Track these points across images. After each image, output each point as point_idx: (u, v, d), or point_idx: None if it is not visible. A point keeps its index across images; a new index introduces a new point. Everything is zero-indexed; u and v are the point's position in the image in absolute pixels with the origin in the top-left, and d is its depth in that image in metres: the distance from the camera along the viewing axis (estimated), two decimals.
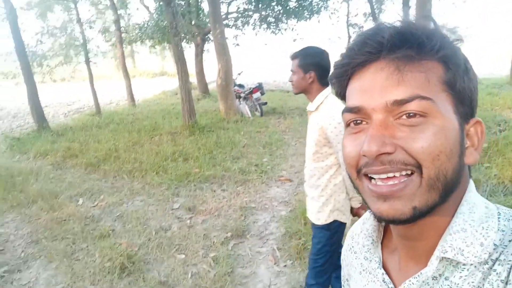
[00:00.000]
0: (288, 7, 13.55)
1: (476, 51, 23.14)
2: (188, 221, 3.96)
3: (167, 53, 26.32)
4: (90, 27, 13.01)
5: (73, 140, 7.58)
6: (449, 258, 0.48)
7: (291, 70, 2.04)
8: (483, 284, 0.45)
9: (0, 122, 11.82)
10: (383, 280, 0.57)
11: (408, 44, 0.47)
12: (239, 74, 11.02)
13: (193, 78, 14.91)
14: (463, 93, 0.48)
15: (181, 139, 7.11)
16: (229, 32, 14.40)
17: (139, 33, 14.68)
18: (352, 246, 0.68)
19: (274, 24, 14.57)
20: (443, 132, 0.45)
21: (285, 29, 14.82)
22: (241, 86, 10.50)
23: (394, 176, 0.46)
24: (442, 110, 0.46)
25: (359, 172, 0.49)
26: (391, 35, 0.47)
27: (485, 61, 19.83)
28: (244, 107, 9.69)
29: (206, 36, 14.13)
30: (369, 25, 14.84)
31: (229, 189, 4.74)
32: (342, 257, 0.73)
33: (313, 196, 2.10)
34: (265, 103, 9.69)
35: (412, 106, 0.45)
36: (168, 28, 8.21)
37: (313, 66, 1.98)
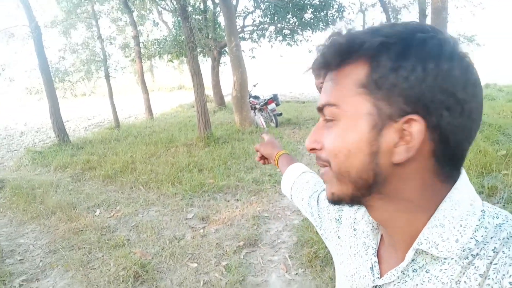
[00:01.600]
0: (303, 19, 13.67)
1: (495, 58, 22.69)
2: (201, 231, 4.01)
3: (185, 67, 26.78)
4: (110, 43, 13.45)
5: (92, 153, 7.78)
6: (423, 251, 0.50)
7: None
8: (461, 277, 0.47)
9: (24, 137, 12.25)
10: (370, 268, 0.60)
11: (339, 51, 0.50)
12: (254, 85, 11.13)
13: (209, 91, 15.16)
14: (392, 91, 0.47)
15: (196, 151, 7.21)
16: (245, 45, 14.63)
17: (158, 48, 15.07)
18: (354, 221, 0.70)
19: (290, 36, 14.69)
20: (342, 134, 0.51)
21: (301, 41, 14.93)
22: (256, 97, 10.59)
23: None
24: (348, 114, 0.50)
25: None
26: (332, 44, 0.51)
27: (506, 68, 19.40)
28: (259, 118, 9.76)
29: (223, 49, 14.37)
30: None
31: (242, 199, 4.77)
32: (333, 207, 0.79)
33: None
34: (280, 114, 9.74)
35: (326, 112, 0.54)
36: (185, 42, 8.41)
37: None
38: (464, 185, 0.52)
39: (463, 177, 0.52)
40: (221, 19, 14.22)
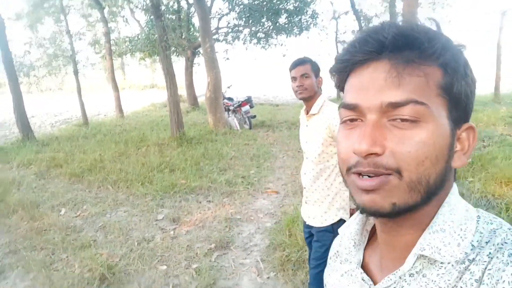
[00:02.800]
0: (277, 23, 13.76)
1: None
2: (172, 232, 3.90)
3: (158, 65, 26.36)
4: (80, 39, 13.01)
5: (58, 150, 7.47)
6: (426, 256, 0.49)
7: (301, 75, 2.07)
8: (458, 283, 0.46)
9: None
10: (362, 279, 0.58)
11: (410, 47, 0.47)
12: (228, 87, 11.08)
13: (183, 91, 14.95)
14: (458, 98, 0.49)
15: (169, 151, 7.06)
16: (219, 46, 14.52)
17: (129, 46, 14.74)
18: (337, 251, 0.68)
19: (264, 39, 14.75)
20: (432, 138, 0.46)
21: (275, 45, 15.01)
22: (230, 99, 10.55)
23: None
24: (435, 116, 0.47)
25: (349, 170, 0.50)
26: (393, 36, 0.47)
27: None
28: (233, 120, 9.71)
29: (197, 50, 14.23)
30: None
31: (214, 201, 4.70)
32: (326, 269, 0.73)
33: (316, 200, 2.12)
34: (254, 116, 9.73)
35: (406, 110, 0.46)
36: (158, 41, 8.26)
37: (320, 73, 2.13)
38: (457, 191, 0.53)
39: (455, 184, 0.53)
40: (195, 20, 14.12)
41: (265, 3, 12.90)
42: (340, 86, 0.56)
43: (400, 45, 0.47)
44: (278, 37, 14.70)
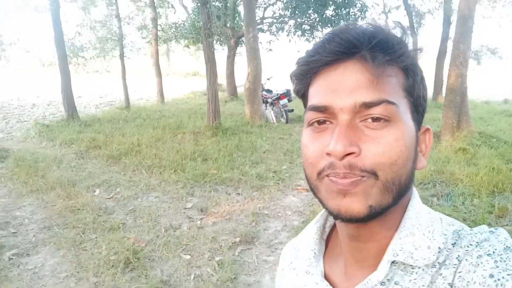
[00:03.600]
0: (324, 15, 13.43)
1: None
2: (199, 222, 3.92)
3: (201, 53, 26.70)
4: (128, 23, 13.38)
5: (99, 131, 7.75)
6: (399, 262, 0.49)
7: None
8: (431, 287, 0.47)
9: (35, 109, 12.30)
10: None
11: (381, 49, 0.47)
12: (268, 79, 10.98)
13: (223, 80, 15.04)
14: (418, 101, 0.51)
15: (203, 139, 7.12)
16: (263, 37, 14.43)
17: (175, 32, 14.97)
18: (291, 262, 0.65)
19: (309, 31, 14.46)
20: (403, 138, 0.46)
21: (320, 38, 14.67)
22: (269, 91, 10.45)
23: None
24: (404, 116, 0.47)
25: (320, 173, 0.48)
26: (364, 37, 0.47)
27: None
28: (270, 113, 9.63)
29: (240, 39, 14.21)
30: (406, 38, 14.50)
31: (244, 194, 4.68)
32: (276, 280, 0.70)
33: None
34: (292, 110, 9.59)
35: (379, 110, 0.46)
36: (202, 28, 8.30)
37: None
38: (417, 194, 0.54)
39: (414, 187, 0.54)
40: (241, 9, 14.08)
41: None
42: (302, 92, 0.54)
43: (371, 47, 0.46)
44: (324, 30, 14.36)
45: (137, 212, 4.12)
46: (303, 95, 0.54)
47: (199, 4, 10.61)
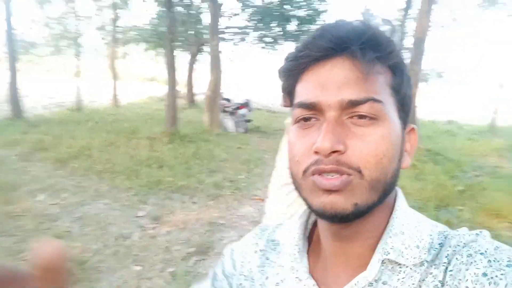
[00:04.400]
0: (287, 30, 13.68)
1: (463, 96, 23.79)
2: (151, 231, 3.75)
3: (161, 59, 26.25)
4: (88, 23, 12.86)
5: (46, 133, 7.29)
6: (389, 261, 0.48)
7: None
8: (421, 286, 0.46)
9: None
10: None
11: (370, 46, 0.46)
12: (229, 88, 10.96)
13: (182, 87, 14.82)
14: (404, 100, 0.50)
15: (160, 146, 6.92)
16: (225, 46, 14.41)
17: (136, 35, 14.59)
18: (268, 258, 0.61)
19: (271, 44, 14.65)
20: (389, 136, 0.46)
21: (282, 51, 14.93)
22: (228, 100, 10.42)
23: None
24: (390, 114, 0.47)
25: (306, 171, 0.47)
26: (355, 33, 0.46)
27: (472, 107, 20.36)
28: (229, 122, 9.58)
29: (202, 47, 14.12)
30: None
31: (199, 202, 4.56)
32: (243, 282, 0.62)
33: (277, 199, 1.94)
34: (250, 121, 9.61)
35: (365, 108, 0.45)
36: (165, 33, 8.16)
37: None
38: (402, 194, 0.54)
39: (398, 188, 0.54)
40: (204, 16, 14.02)
41: (277, 7, 12.83)
42: (288, 88, 0.53)
43: (360, 44, 0.46)
44: (286, 44, 14.61)
45: (84, 220, 3.87)
46: (289, 92, 0.53)
47: (163, 8, 10.46)
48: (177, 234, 3.70)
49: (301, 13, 13.25)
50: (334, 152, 0.44)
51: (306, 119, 0.49)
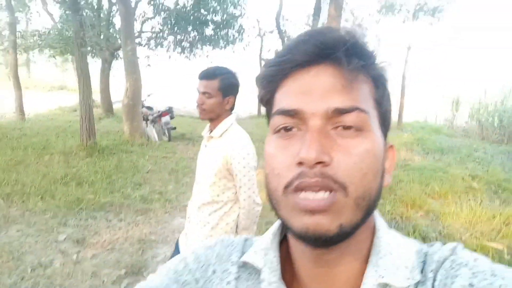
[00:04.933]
0: (204, 34, 13.61)
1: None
2: (75, 256, 3.45)
3: (69, 65, 24.42)
4: None
5: None
6: (386, 283, 0.45)
7: (203, 92, 1.77)
8: None
9: None
10: None
11: (356, 54, 0.45)
12: (148, 95, 10.56)
13: (97, 96, 13.96)
14: (386, 114, 0.49)
15: (76, 161, 6.42)
16: (141, 51, 13.90)
17: (38, 41, 13.38)
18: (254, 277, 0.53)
19: (189, 49, 14.46)
20: (373, 149, 0.44)
21: (200, 55, 14.81)
22: (149, 108, 10.04)
23: (322, 190, 0.42)
24: (374, 127, 0.46)
25: (288, 186, 0.43)
26: (340, 40, 0.45)
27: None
28: (152, 131, 9.24)
29: (116, 52, 13.43)
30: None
31: (127, 219, 4.31)
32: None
33: (199, 221, 1.84)
34: (174, 128, 9.38)
35: (351, 118, 0.44)
36: (72, 38, 7.58)
37: (234, 91, 1.82)
38: (379, 214, 0.53)
39: None
40: (116, 20, 13.37)
41: (192, 12, 12.70)
42: (267, 97, 0.50)
43: (347, 51, 0.44)
44: (204, 48, 14.53)
45: None
46: (268, 101, 0.50)
47: (68, 12, 9.71)
48: (104, 257, 3.46)
49: (217, 17, 13.30)
50: (319, 163, 0.42)
51: (287, 129, 0.46)
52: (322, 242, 0.43)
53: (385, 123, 0.49)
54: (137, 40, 13.08)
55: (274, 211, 0.47)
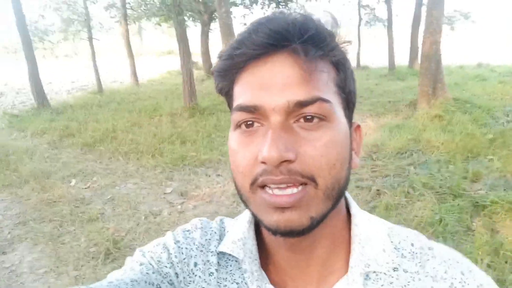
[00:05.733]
0: None
1: (490, 37, 22.46)
2: (179, 207, 3.90)
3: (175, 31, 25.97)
4: (95, 3, 12.83)
5: (72, 119, 7.53)
6: (372, 271, 0.47)
7: None
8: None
9: (3, 98, 11.84)
10: None
11: (313, 41, 0.43)
12: None
13: (199, 58, 14.75)
14: (349, 96, 0.48)
15: (181, 121, 7.02)
16: (237, 11, 14.09)
17: (145, 10, 14.46)
18: (225, 286, 0.51)
19: (284, 3, 14.18)
20: (339, 138, 0.44)
21: (295, 9, 14.41)
22: None
23: (290, 186, 0.42)
24: (338, 114, 0.44)
25: (253, 183, 0.43)
26: (295, 28, 0.42)
27: (500, 48, 19.25)
28: None
29: (213, 15, 13.85)
30: (381, 7, 14.43)
31: (224, 175, 4.66)
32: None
33: None
34: None
35: (313, 109, 0.42)
36: (172, 5, 8.02)
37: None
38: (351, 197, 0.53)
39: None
40: None
41: None
42: (226, 90, 0.48)
43: (304, 39, 0.42)
44: (298, 1, 14.10)
45: (115, 201, 4.06)
46: (227, 94, 0.49)
47: None
48: (204, 208, 3.84)
49: None
50: (283, 162, 0.40)
51: (248, 124, 0.44)
52: (295, 235, 0.43)
53: (349, 105, 0.48)
54: (232, 0, 13.27)
55: (245, 206, 0.47)
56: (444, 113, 6.37)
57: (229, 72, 0.46)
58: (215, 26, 14.79)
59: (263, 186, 0.42)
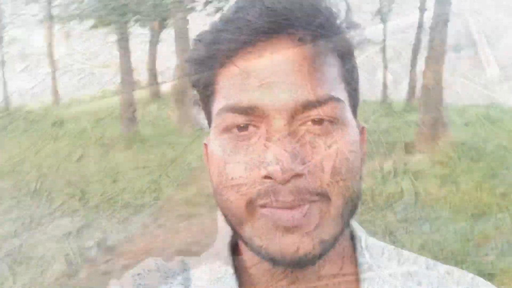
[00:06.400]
0: None
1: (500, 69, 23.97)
2: (103, 266, 3.82)
3: (114, 37, 26.13)
4: None
5: None
6: None
7: None
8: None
9: None
10: None
11: (325, 28, 0.44)
12: None
13: (143, 74, 14.80)
14: (356, 93, 0.49)
15: (114, 153, 6.99)
16: (195, 19, 14.39)
17: (77, 9, 14.54)
18: None
19: None
20: (352, 145, 0.45)
21: None
22: None
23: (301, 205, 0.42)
24: (348, 116, 0.46)
25: (252, 202, 0.42)
26: (301, 8, 0.43)
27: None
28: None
29: (166, 22, 14.12)
30: (374, 27, 15.21)
31: (167, 225, 4.64)
32: None
33: None
34: None
35: (325, 110, 0.42)
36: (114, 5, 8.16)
37: None
38: None
39: None
40: None
41: None
42: (203, 81, 0.48)
43: (307, 20, 0.43)
44: None
45: (15, 258, 3.93)
46: (205, 87, 0.48)
47: None
48: None
49: None
50: (293, 176, 0.40)
51: (240, 128, 0.44)
52: (303, 264, 0.43)
53: (355, 104, 0.49)
54: (191, 6, 13.63)
55: (231, 228, 0.47)
56: (448, 159, 6.64)
57: (211, 59, 0.45)
58: (165, 36, 15.04)
59: (265, 207, 0.42)
